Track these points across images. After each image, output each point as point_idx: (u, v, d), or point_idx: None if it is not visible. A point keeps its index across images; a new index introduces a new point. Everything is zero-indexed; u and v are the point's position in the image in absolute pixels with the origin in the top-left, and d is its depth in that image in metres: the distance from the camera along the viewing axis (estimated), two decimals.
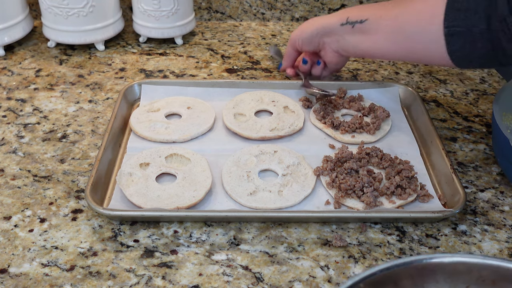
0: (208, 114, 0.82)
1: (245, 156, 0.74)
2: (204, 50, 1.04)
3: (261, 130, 0.79)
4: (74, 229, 0.65)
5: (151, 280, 0.59)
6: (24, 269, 0.60)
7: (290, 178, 0.71)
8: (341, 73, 0.97)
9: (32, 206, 0.68)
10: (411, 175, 0.70)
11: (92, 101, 0.88)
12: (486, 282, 0.49)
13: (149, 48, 1.04)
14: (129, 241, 0.64)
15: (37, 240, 0.63)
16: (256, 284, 0.59)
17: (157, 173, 0.71)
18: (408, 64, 1.00)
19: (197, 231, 0.65)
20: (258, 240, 0.64)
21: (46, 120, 0.83)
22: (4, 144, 0.78)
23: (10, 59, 0.99)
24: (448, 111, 0.88)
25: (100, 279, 0.59)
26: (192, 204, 0.66)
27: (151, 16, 1.00)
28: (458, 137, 0.82)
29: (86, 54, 1.01)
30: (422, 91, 0.92)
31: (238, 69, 0.98)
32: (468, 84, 0.95)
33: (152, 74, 0.95)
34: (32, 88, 0.91)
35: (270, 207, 0.67)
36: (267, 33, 1.11)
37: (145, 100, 0.86)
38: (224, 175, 0.71)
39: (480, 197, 0.71)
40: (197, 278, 0.59)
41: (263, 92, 0.87)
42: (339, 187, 0.69)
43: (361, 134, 0.79)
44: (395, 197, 0.68)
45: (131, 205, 0.67)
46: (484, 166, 0.76)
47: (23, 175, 0.73)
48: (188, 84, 0.88)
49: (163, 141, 0.78)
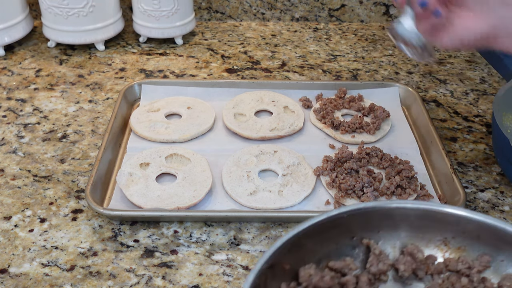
0: (208, 114, 0.82)
1: (245, 156, 0.74)
2: (204, 50, 1.04)
3: (261, 130, 0.79)
4: (74, 229, 0.65)
5: (151, 280, 0.59)
6: (24, 269, 0.60)
7: (290, 178, 0.71)
8: (341, 73, 0.97)
9: (32, 206, 0.68)
10: (411, 175, 0.70)
11: (92, 101, 0.88)
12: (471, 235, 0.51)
13: (149, 48, 1.04)
14: (129, 241, 0.64)
15: (37, 240, 0.63)
16: None
17: (157, 173, 0.71)
18: (408, 64, 1.00)
19: (197, 231, 0.65)
20: (258, 240, 0.64)
21: (46, 120, 0.83)
22: (4, 144, 0.78)
23: (10, 59, 0.99)
24: (448, 111, 0.88)
25: (100, 279, 0.59)
26: (192, 204, 0.66)
27: (151, 16, 1.00)
28: (458, 137, 0.82)
29: (86, 54, 1.01)
30: (422, 91, 0.92)
31: (238, 69, 0.98)
32: (468, 84, 0.95)
33: (152, 74, 0.95)
34: (32, 88, 0.91)
35: (270, 207, 0.67)
36: (267, 33, 1.11)
37: (145, 100, 0.86)
38: (224, 175, 0.71)
39: (480, 197, 0.71)
40: (197, 278, 0.59)
41: (263, 92, 0.87)
42: (339, 187, 0.69)
43: (361, 134, 0.79)
44: (395, 197, 0.68)
45: (131, 205, 0.67)
46: (484, 166, 0.76)
47: (23, 175, 0.73)
48: (188, 84, 0.88)
49: (163, 141, 0.78)
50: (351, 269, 0.50)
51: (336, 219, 0.50)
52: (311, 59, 1.01)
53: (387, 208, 0.51)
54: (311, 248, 0.50)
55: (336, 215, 0.50)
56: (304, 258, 0.49)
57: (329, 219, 0.49)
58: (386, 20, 1.15)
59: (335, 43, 1.07)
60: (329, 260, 0.50)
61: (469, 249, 0.51)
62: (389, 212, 0.51)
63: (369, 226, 0.52)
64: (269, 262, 0.45)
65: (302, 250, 0.49)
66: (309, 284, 0.48)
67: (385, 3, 1.13)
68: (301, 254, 0.49)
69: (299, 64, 0.99)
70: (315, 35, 1.10)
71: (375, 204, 0.51)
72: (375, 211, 0.51)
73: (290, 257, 0.48)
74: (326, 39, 1.09)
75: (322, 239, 0.50)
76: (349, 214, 0.50)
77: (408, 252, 0.51)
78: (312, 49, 1.05)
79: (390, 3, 1.13)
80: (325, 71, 0.98)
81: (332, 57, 1.02)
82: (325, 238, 0.50)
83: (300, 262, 0.49)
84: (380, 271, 0.50)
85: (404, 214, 0.52)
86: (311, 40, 1.08)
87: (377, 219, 0.52)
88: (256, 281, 0.44)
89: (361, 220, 0.51)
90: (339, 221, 0.50)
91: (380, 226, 0.52)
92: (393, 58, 1.02)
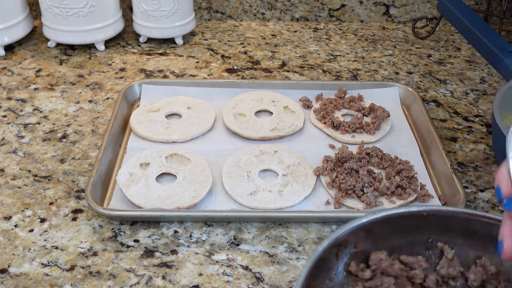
0: (208, 114, 0.82)
1: (245, 156, 0.74)
2: (204, 50, 1.04)
3: (261, 130, 0.79)
4: (74, 229, 0.65)
5: (151, 280, 0.59)
6: (24, 269, 0.60)
7: (290, 178, 0.71)
8: (341, 73, 0.97)
9: (32, 206, 0.68)
10: (411, 175, 0.70)
11: (92, 101, 0.88)
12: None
13: (149, 48, 1.04)
14: (129, 241, 0.64)
15: (37, 240, 0.63)
16: (256, 284, 0.59)
17: (157, 173, 0.71)
18: (408, 64, 1.00)
19: (197, 231, 0.65)
20: (258, 240, 0.64)
21: (46, 120, 0.83)
22: (4, 144, 0.78)
23: (10, 59, 0.99)
24: (448, 111, 0.88)
25: (100, 279, 0.59)
26: (192, 204, 0.66)
27: (151, 16, 1.00)
28: (458, 137, 0.82)
29: (86, 54, 1.01)
30: (422, 91, 0.92)
31: (238, 69, 0.98)
32: (468, 84, 0.95)
33: (152, 74, 0.95)
34: (32, 88, 0.91)
35: (270, 207, 0.67)
36: (267, 33, 1.11)
37: (145, 100, 0.86)
38: (224, 175, 0.71)
39: (480, 197, 0.71)
40: (197, 278, 0.59)
41: (263, 92, 0.87)
42: (339, 187, 0.69)
43: (361, 134, 0.79)
44: (395, 197, 0.68)
45: (131, 205, 0.67)
46: (484, 166, 0.76)
47: (23, 175, 0.73)
48: (188, 84, 0.88)
49: (163, 141, 0.78)
50: (421, 266, 0.50)
51: (415, 215, 0.50)
52: (311, 59, 1.01)
53: (468, 217, 0.51)
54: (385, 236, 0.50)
55: (416, 212, 0.50)
56: (377, 244, 0.50)
57: (408, 213, 0.50)
58: (386, 20, 1.15)
59: (335, 43, 1.07)
60: (401, 253, 0.51)
61: None
62: (469, 221, 0.51)
63: (447, 230, 0.52)
64: (342, 237, 0.46)
65: (376, 236, 0.50)
66: (377, 268, 0.49)
67: (385, 3, 1.13)
68: (375, 240, 0.50)
69: (299, 64, 0.99)
70: (315, 35, 1.10)
71: (457, 209, 0.52)
72: (456, 217, 0.51)
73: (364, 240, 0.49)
74: (326, 39, 1.09)
75: (397, 230, 0.51)
76: (429, 214, 0.51)
77: (480, 264, 0.51)
78: (312, 49, 1.05)
79: (390, 3, 1.13)
80: (325, 71, 0.98)
81: (332, 57, 1.02)
82: (401, 231, 0.51)
83: (373, 248, 0.50)
84: (449, 274, 0.50)
85: (484, 226, 0.51)
86: (311, 40, 1.08)
87: (456, 225, 0.52)
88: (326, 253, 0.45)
89: (440, 223, 0.52)
90: (418, 218, 0.51)
91: (458, 233, 0.52)
92: (393, 58, 1.02)
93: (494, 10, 1.12)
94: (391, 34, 1.11)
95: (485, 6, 1.12)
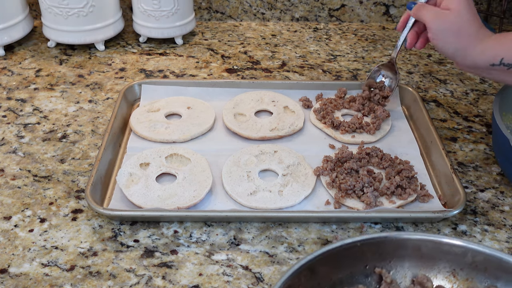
0: (208, 114, 0.82)
1: (245, 156, 0.74)
2: (204, 50, 1.04)
3: (261, 130, 0.79)
4: (74, 229, 0.65)
5: (151, 280, 0.59)
6: (24, 269, 0.60)
7: (290, 178, 0.71)
8: (341, 73, 0.97)
9: (32, 206, 0.68)
10: (411, 175, 0.70)
11: (92, 101, 0.88)
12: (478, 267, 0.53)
13: (149, 48, 1.04)
14: (129, 241, 0.64)
15: (37, 240, 0.63)
16: (256, 284, 0.59)
17: (157, 173, 0.71)
18: (408, 64, 1.00)
19: (197, 231, 0.65)
20: (258, 240, 0.64)
21: (46, 120, 0.83)
22: (4, 144, 0.78)
23: (10, 59, 0.99)
24: (448, 111, 0.88)
25: (100, 279, 0.59)
26: (192, 204, 0.66)
27: (151, 16, 1.00)
28: (458, 137, 0.82)
29: (86, 54, 1.01)
30: (422, 91, 0.92)
31: (238, 69, 0.98)
32: (468, 84, 0.95)
33: (152, 74, 0.95)
34: (32, 88, 0.91)
35: (270, 207, 0.67)
36: (267, 33, 1.11)
37: (145, 100, 0.86)
38: (224, 175, 0.71)
39: (480, 197, 0.71)
40: (197, 278, 0.59)
41: (263, 92, 0.87)
42: (339, 187, 0.69)
43: (361, 134, 0.79)
44: (395, 197, 0.68)
45: (131, 205, 0.67)
46: (484, 166, 0.76)
47: (23, 175, 0.73)
48: (188, 84, 0.88)
49: (163, 141, 0.78)
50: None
51: (350, 247, 0.52)
52: (311, 59, 1.01)
53: (398, 238, 0.54)
54: (325, 274, 0.52)
55: (351, 243, 0.52)
56: (319, 283, 0.51)
57: (343, 246, 0.52)
58: (386, 20, 1.15)
59: (335, 43, 1.07)
60: (342, 287, 0.52)
61: (476, 281, 0.53)
62: (400, 243, 0.54)
63: (381, 255, 0.54)
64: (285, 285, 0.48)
65: (317, 275, 0.51)
66: None
67: (385, 3, 1.13)
68: (315, 279, 0.51)
69: (299, 64, 0.99)
70: (315, 35, 1.10)
71: (387, 234, 0.54)
72: (387, 241, 0.54)
73: (305, 282, 0.50)
74: (326, 39, 1.09)
75: (336, 265, 0.52)
76: (362, 243, 0.53)
77: (418, 282, 0.53)
78: (312, 49, 1.05)
79: (390, 3, 1.13)
80: (325, 71, 0.98)
81: (332, 57, 1.02)
82: (339, 265, 0.53)
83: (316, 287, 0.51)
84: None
85: (415, 245, 0.54)
86: (311, 40, 1.08)
87: (389, 249, 0.54)
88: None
89: (374, 249, 0.54)
90: (353, 249, 0.53)
91: (392, 256, 0.54)
92: None
93: (494, 10, 1.12)
94: (391, 34, 1.11)
95: (485, 6, 1.12)
